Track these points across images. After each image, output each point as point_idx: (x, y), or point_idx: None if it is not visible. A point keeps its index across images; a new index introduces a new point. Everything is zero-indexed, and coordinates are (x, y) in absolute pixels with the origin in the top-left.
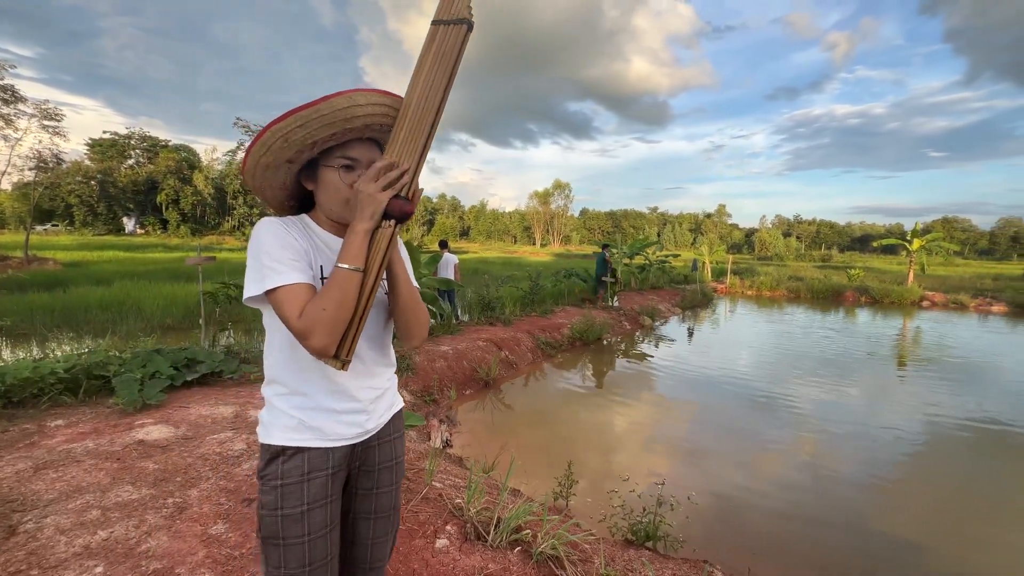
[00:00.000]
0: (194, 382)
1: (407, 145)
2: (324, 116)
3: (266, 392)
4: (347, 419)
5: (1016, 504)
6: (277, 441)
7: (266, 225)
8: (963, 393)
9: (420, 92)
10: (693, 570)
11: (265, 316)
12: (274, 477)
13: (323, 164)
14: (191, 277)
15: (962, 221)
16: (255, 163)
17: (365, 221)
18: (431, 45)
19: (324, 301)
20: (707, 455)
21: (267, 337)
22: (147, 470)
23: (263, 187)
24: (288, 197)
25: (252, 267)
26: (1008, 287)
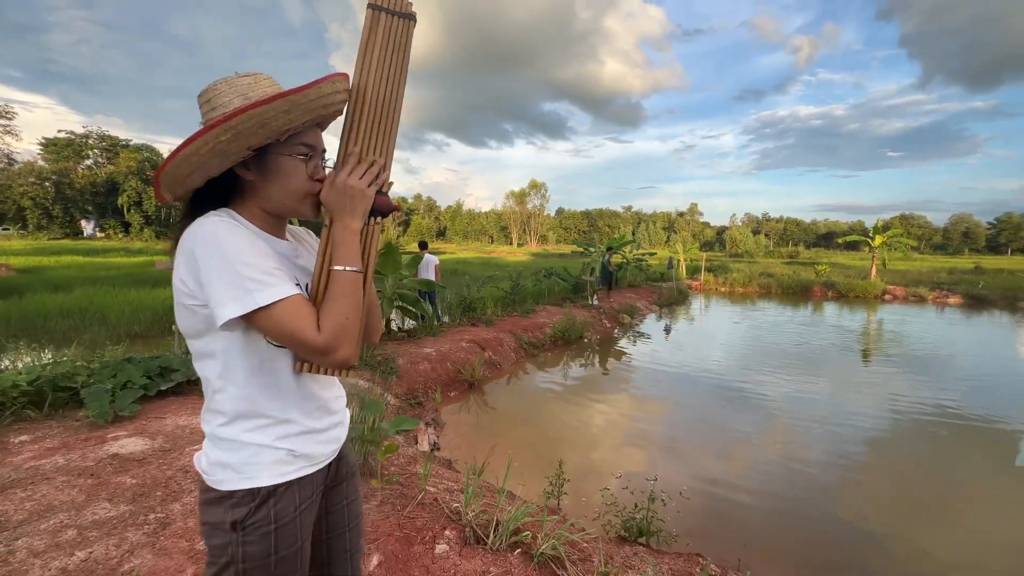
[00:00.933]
0: (169, 391)
1: (375, 137)
2: (311, 102)
3: (227, 432)
4: (329, 435)
5: (969, 487)
6: (265, 482)
7: (220, 226)
8: (923, 383)
9: (377, 77)
10: (688, 564)
11: (216, 343)
12: (265, 523)
13: (279, 152)
14: (159, 282)
15: (918, 218)
16: (207, 148)
17: (357, 218)
18: (376, 33)
19: (343, 308)
20: (689, 450)
21: (222, 370)
22: (124, 485)
23: (193, 173)
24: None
25: (224, 281)
26: (962, 280)
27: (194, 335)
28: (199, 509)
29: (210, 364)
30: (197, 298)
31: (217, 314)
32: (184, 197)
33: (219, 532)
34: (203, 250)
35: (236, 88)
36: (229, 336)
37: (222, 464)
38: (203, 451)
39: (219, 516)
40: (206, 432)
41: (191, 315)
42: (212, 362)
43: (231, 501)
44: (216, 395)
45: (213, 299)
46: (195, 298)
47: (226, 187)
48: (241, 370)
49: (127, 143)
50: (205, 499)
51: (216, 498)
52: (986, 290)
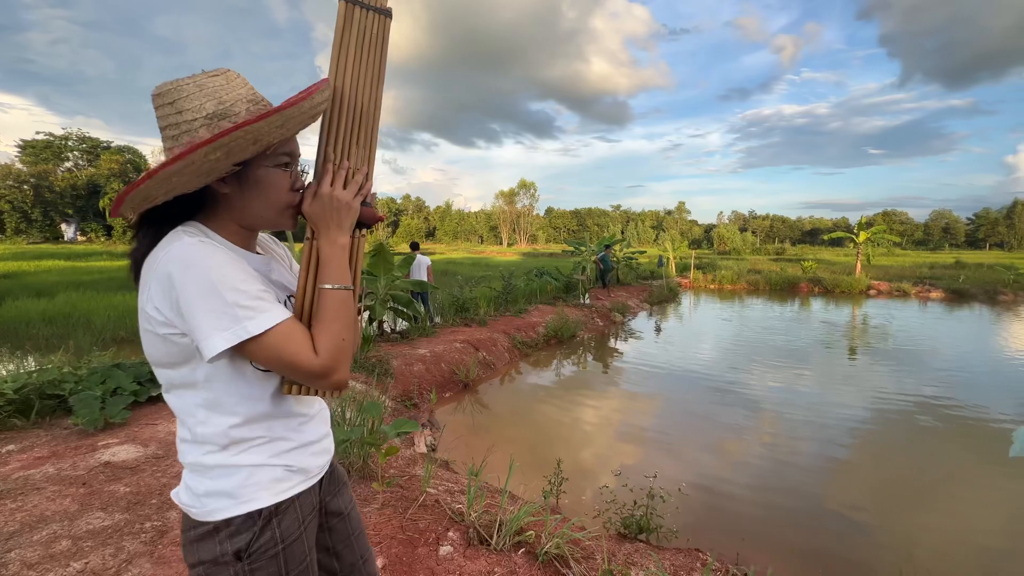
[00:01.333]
0: (159, 397)
1: (355, 143)
2: (304, 113)
3: (216, 459)
4: (321, 447)
5: (952, 476)
6: (266, 503)
7: (199, 250)
8: (907, 376)
9: (353, 79)
10: (688, 559)
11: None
12: (272, 545)
13: (262, 164)
14: None
15: (900, 214)
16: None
17: (344, 233)
18: (350, 30)
19: (337, 329)
20: (683, 446)
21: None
22: (118, 493)
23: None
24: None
25: (209, 310)
26: (943, 275)
27: (168, 365)
28: (186, 550)
29: (189, 394)
30: (175, 327)
31: (205, 346)
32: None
33: (219, 568)
34: (183, 276)
35: (207, 90)
36: (214, 365)
37: (214, 493)
38: (184, 485)
39: (216, 550)
40: (187, 463)
41: (165, 344)
42: (192, 392)
43: (229, 530)
44: (199, 427)
45: (199, 330)
46: (172, 327)
47: (193, 200)
48: (228, 397)
49: (108, 145)
50: (194, 536)
51: (209, 531)
52: (966, 284)
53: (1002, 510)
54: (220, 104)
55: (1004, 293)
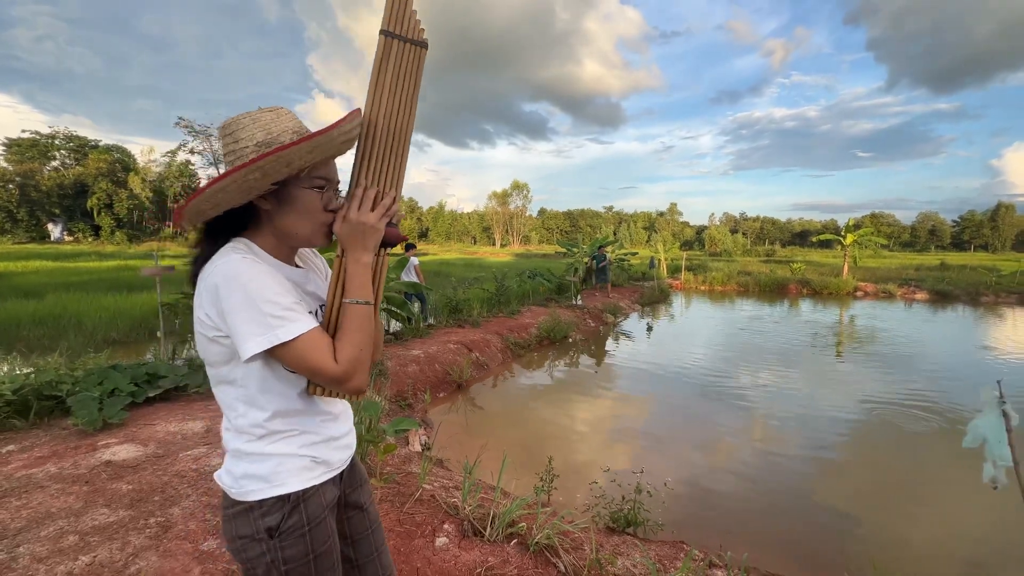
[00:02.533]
0: (156, 398)
1: (385, 168)
2: (333, 140)
3: (253, 447)
4: (343, 443)
5: (934, 473)
6: (295, 487)
7: (243, 264)
8: (892, 376)
9: (387, 111)
10: (673, 550)
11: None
12: (300, 526)
13: (298, 185)
14: (135, 287)
15: (887, 216)
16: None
17: (368, 252)
18: (387, 61)
19: (358, 340)
20: (672, 444)
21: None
22: (121, 491)
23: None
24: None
25: (247, 318)
26: (928, 276)
27: (215, 363)
28: (225, 526)
29: (230, 390)
30: (221, 330)
31: (242, 349)
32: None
33: (254, 543)
34: (227, 287)
35: (259, 123)
36: (250, 365)
37: (250, 476)
38: (225, 468)
39: (251, 527)
40: (229, 449)
41: (212, 344)
42: (232, 388)
43: (262, 510)
44: (238, 419)
45: (238, 335)
46: (219, 330)
47: (241, 216)
48: (262, 394)
49: (96, 143)
50: (232, 513)
51: (245, 509)
52: (951, 286)
53: (980, 508)
54: (268, 134)
55: (986, 294)
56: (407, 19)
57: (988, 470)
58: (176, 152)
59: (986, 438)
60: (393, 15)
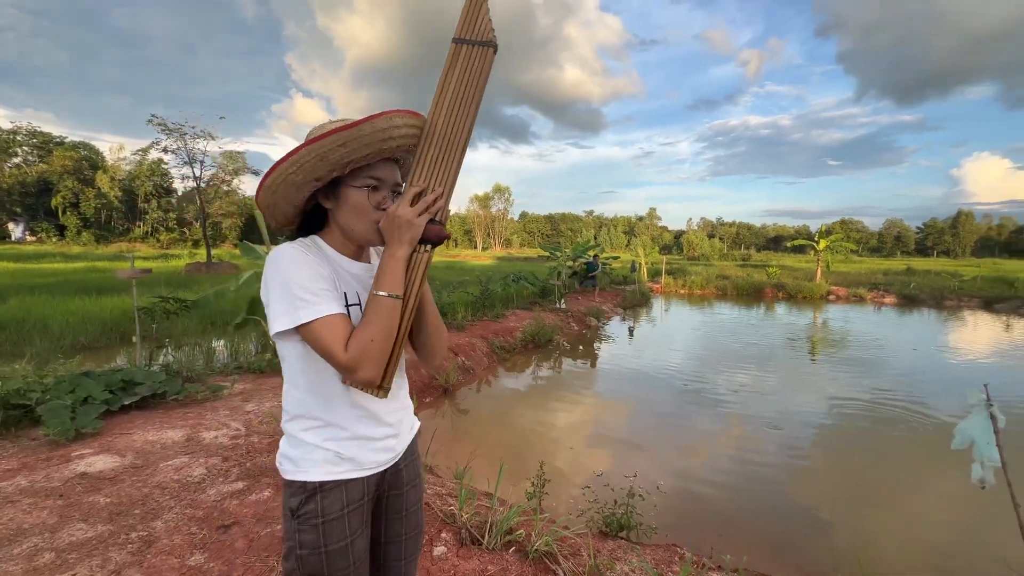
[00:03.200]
0: (132, 406)
1: (437, 169)
2: (364, 136)
3: (290, 428)
4: (380, 445)
5: (903, 471)
6: (314, 477)
7: (288, 253)
8: (863, 377)
9: (447, 115)
10: (667, 553)
11: (285, 350)
12: (314, 515)
13: (348, 184)
14: (105, 289)
15: (856, 222)
16: (281, 179)
17: (404, 247)
18: (455, 66)
19: (371, 331)
20: (659, 447)
21: (287, 373)
22: (98, 505)
23: (276, 203)
24: (297, 214)
25: (279, 298)
26: (896, 281)
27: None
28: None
29: (283, 366)
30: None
31: (271, 326)
32: (288, 225)
33: (286, 517)
34: (269, 271)
35: (323, 130)
36: (290, 345)
37: (286, 456)
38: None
39: (286, 501)
40: (281, 425)
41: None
42: (283, 364)
43: (292, 489)
44: (285, 394)
45: (270, 312)
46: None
47: (318, 217)
48: (299, 375)
49: (61, 140)
50: (283, 482)
51: (286, 483)
52: (917, 290)
53: (949, 504)
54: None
55: (950, 299)
56: (480, 23)
57: (976, 471)
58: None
59: (974, 440)
60: (467, 22)
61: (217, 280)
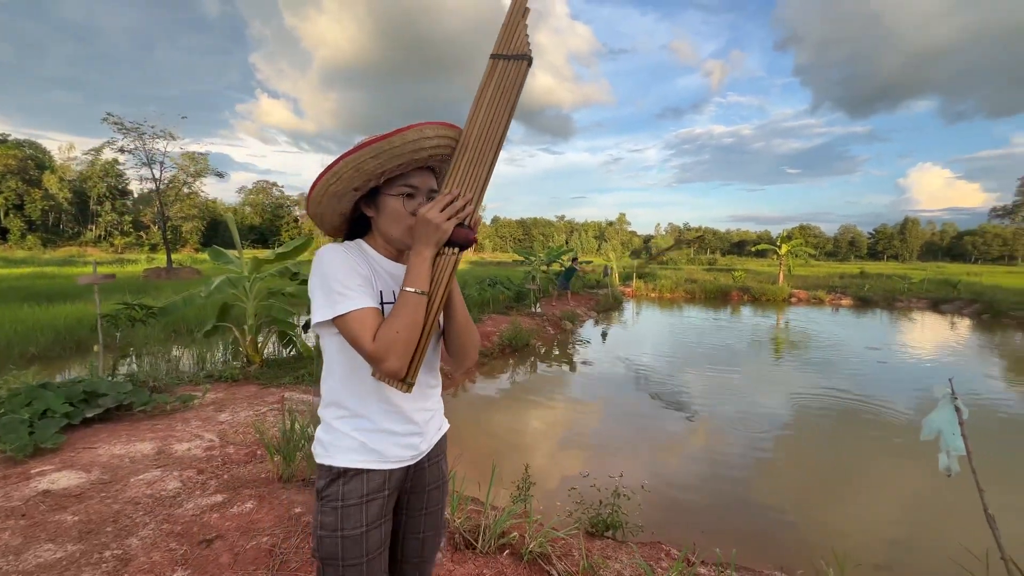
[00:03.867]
0: (96, 419)
1: (468, 176)
2: (395, 148)
3: (325, 414)
4: (404, 441)
5: (861, 466)
6: (339, 463)
7: (330, 252)
8: (823, 375)
9: (481, 126)
10: (653, 551)
11: (325, 341)
12: (335, 498)
13: (385, 192)
14: (55, 296)
15: (814, 228)
16: (324, 191)
17: (429, 247)
18: (491, 79)
19: (397, 324)
20: (636, 447)
21: (326, 362)
22: (65, 523)
23: (324, 213)
24: (344, 222)
25: (321, 293)
26: (851, 284)
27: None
28: None
29: (325, 359)
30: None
31: (313, 317)
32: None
33: (318, 496)
34: (314, 269)
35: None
36: (329, 336)
37: (319, 440)
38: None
39: (319, 482)
40: (317, 412)
41: None
42: (324, 355)
43: (320, 472)
44: (323, 382)
45: (313, 305)
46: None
47: (363, 223)
48: (336, 365)
49: (5, 138)
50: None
51: (318, 466)
52: (870, 292)
53: (908, 494)
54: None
55: (900, 300)
56: (517, 38)
57: (943, 460)
58: (101, 150)
59: (941, 430)
60: (505, 39)
61: (179, 286)
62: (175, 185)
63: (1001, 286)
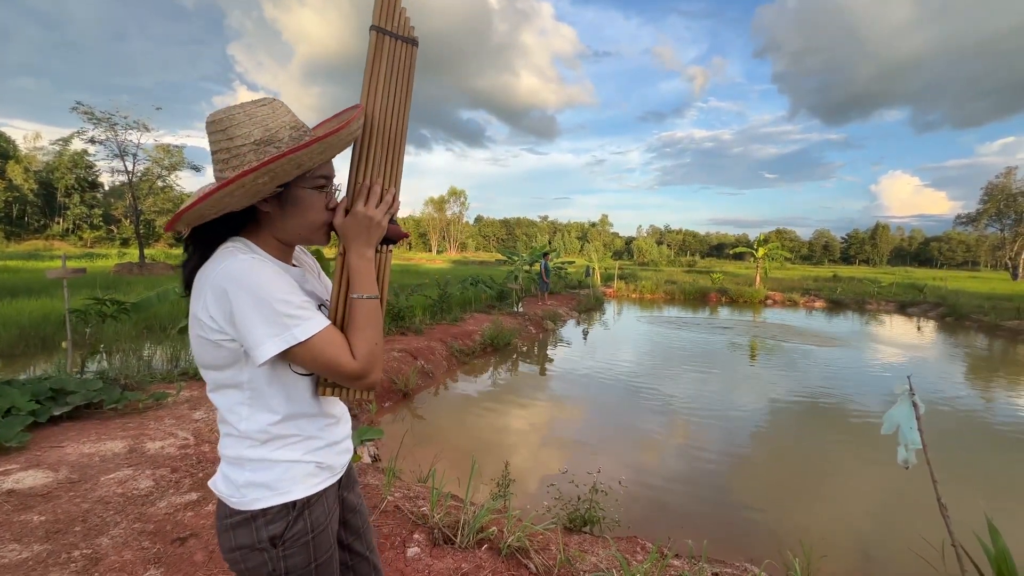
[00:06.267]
0: (64, 417)
1: (384, 164)
2: (342, 140)
3: (256, 453)
4: (344, 446)
5: (832, 463)
6: (300, 495)
7: (248, 264)
8: (796, 376)
9: (383, 105)
10: (629, 545)
11: (242, 375)
12: (303, 534)
13: (299, 185)
14: (18, 291)
15: (790, 232)
16: (242, 190)
17: (370, 247)
18: (380, 57)
19: (371, 336)
20: (614, 445)
21: (249, 398)
22: (31, 523)
23: (220, 209)
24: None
25: (259, 319)
26: (824, 287)
27: (216, 367)
28: (223, 536)
29: (234, 394)
30: (227, 334)
31: (257, 352)
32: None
33: (255, 552)
34: (237, 290)
35: (255, 119)
36: (260, 367)
37: (254, 484)
38: (222, 476)
39: (253, 536)
40: (228, 456)
41: (216, 348)
42: (236, 392)
43: (266, 518)
44: (242, 423)
45: (251, 338)
46: (224, 334)
47: (239, 217)
48: (271, 397)
49: None
50: (231, 523)
51: (246, 519)
52: (842, 295)
53: (871, 488)
54: (266, 131)
55: (870, 303)
56: (397, 16)
57: (901, 453)
58: (70, 140)
59: (899, 425)
60: (383, 11)
61: (152, 282)
62: (148, 178)
63: (964, 290)
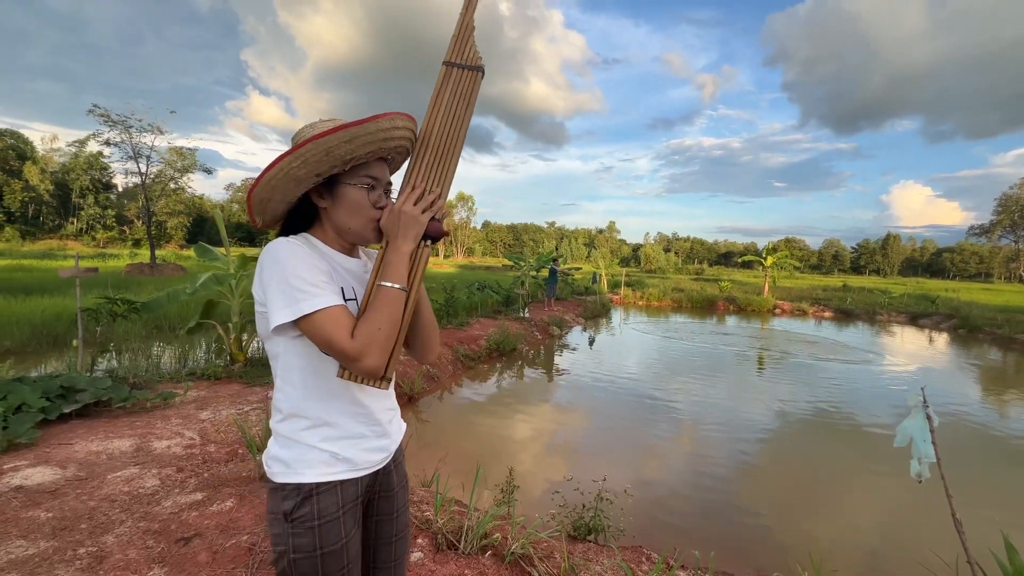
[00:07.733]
0: (73, 414)
1: (435, 171)
2: (369, 134)
3: (283, 429)
4: (374, 444)
5: (840, 475)
6: (310, 479)
7: (285, 246)
8: (804, 387)
9: (442, 123)
10: (634, 555)
11: (280, 347)
12: (310, 518)
13: (346, 182)
14: (32, 289)
15: (799, 241)
16: (282, 174)
17: (409, 242)
18: (446, 84)
19: (377, 320)
20: (620, 453)
21: (281, 370)
22: (39, 520)
23: (271, 199)
24: (286, 212)
25: (279, 292)
26: (834, 297)
27: (265, 338)
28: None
29: (274, 364)
30: (264, 305)
31: (272, 319)
32: (274, 224)
33: (277, 521)
34: (268, 265)
35: (315, 127)
36: (287, 340)
37: (277, 458)
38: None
39: (275, 506)
40: (272, 426)
41: (262, 320)
42: (275, 362)
43: (283, 493)
44: (277, 392)
45: (271, 306)
46: (263, 305)
47: (307, 215)
48: (296, 371)
49: None
50: (269, 488)
51: (275, 488)
52: (852, 305)
53: (880, 501)
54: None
55: (881, 313)
56: (468, 51)
57: (914, 466)
58: (86, 142)
59: (913, 438)
60: (456, 49)
61: (162, 283)
62: (161, 180)
63: (977, 302)
